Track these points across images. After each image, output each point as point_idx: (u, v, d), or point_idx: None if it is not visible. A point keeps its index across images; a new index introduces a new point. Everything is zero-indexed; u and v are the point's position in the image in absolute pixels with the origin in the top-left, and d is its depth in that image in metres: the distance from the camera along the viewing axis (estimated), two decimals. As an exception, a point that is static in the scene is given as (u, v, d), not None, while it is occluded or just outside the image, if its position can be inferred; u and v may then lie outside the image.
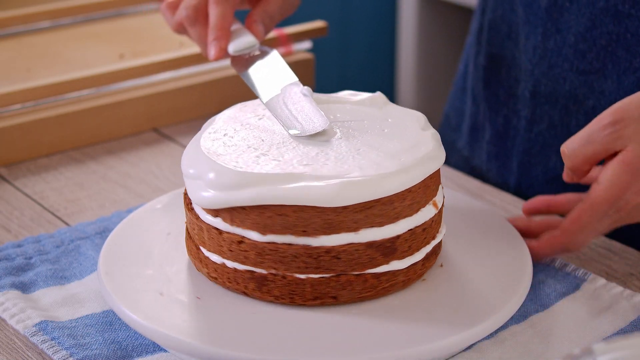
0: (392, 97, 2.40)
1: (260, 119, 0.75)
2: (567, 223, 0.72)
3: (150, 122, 1.05)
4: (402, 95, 2.35)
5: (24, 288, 0.75)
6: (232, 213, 0.68)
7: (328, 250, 0.67)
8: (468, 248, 0.76)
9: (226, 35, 0.88)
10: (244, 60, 0.88)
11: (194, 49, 1.09)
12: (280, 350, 0.64)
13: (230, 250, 0.69)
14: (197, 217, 0.71)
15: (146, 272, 0.72)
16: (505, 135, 0.99)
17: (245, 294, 0.69)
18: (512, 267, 0.73)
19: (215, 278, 0.70)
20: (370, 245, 0.67)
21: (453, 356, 0.67)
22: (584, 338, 0.69)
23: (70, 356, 0.67)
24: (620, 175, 0.70)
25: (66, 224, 0.86)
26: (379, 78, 2.44)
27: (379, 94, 0.77)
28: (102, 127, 1.02)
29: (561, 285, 0.75)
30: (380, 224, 0.67)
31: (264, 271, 0.68)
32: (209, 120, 0.75)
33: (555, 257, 0.77)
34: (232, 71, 1.09)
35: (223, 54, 0.89)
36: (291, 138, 0.71)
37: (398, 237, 0.68)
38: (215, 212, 0.69)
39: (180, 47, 1.15)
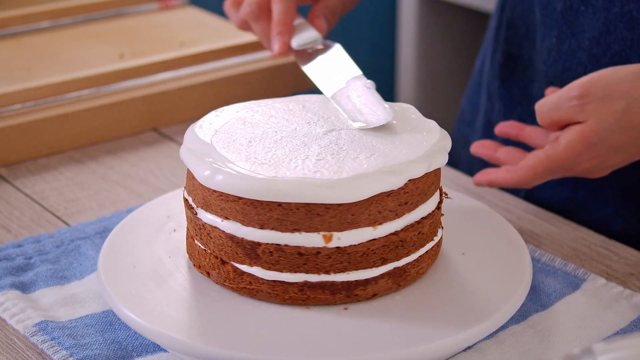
0: (392, 97, 2.40)
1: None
2: (523, 168, 0.80)
3: (150, 122, 1.05)
4: (402, 95, 2.35)
5: (24, 288, 0.75)
6: (246, 210, 0.68)
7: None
8: (468, 248, 0.76)
9: (289, 30, 0.90)
10: (307, 54, 0.89)
11: (194, 49, 1.09)
12: (280, 350, 0.64)
13: (232, 251, 0.69)
14: (198, 217, 0.71)
15: (146, 272, 0.72)
16: None
17: (248, 294, 0.69)
18: (512, 267, 0.73)
19: (225, 281, 0.71)
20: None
21: (453, 356, 0.67)
22: (584, 338, 0.69)
23: (70, 356, 0.67)
24: (576, 143, 0.77)
25: (66, 224, 0.86)
26: (379, 78, 2.44)
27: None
28: (102, 127, 1.02)
29: (561, 285, 0.75)
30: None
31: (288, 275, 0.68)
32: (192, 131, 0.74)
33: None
34: (232, 71, 1.09)
35: (286, 48, 0.90)
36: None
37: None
38: (226, 214, 0.69)
39: (180, 47, 1.15)
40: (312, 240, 0.67)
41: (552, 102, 0.78)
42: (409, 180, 0.68)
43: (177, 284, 0.71)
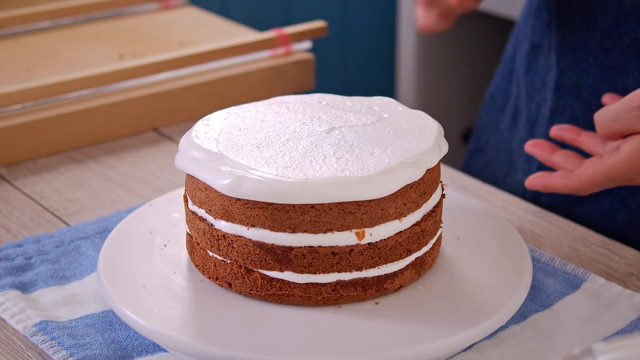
0: (392, 97, 2.40)
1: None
2: (582, 176, 0.78)
3: (150, 122, 1.05)
4: (402, 95, 2.35)
5: (24, 288, 0.75)
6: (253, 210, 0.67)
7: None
8: (468, 248, 0.76)
9: None
10: None
11: (194, 49, 1.09)
12: (280, 350, 0.64)
13: (234, 249, 0.69)
14: (216, 229, 0.70)
15: (146, 272, 0.72)
16: (535, 123, 1.00)
17: (249, 294, 0.69)
18: (512, 267, 0.73)
19: (216, 278, 0.71)
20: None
21: (453, 356, 0.67)
22: (584, 338, 0.69)
23: (70, 356, 0.67)
24: (639, 153, 0.75)
25: (66, 224, 0.86)
26: (379, 78, 2.44)
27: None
28: (102, 127, 1.02)
29: (561, 285, 0.75)
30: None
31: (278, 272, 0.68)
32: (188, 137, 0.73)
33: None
34: (232, 71, 1.09)
35: None
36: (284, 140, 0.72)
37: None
38: (227, 217, 0.68)
39: (180, 47, 1.15)
40: (345, 238, 0.67)
41: (612, 112, 0.77)
42: (426, 170, 0.69)
43: (177, 284, 0.71)
